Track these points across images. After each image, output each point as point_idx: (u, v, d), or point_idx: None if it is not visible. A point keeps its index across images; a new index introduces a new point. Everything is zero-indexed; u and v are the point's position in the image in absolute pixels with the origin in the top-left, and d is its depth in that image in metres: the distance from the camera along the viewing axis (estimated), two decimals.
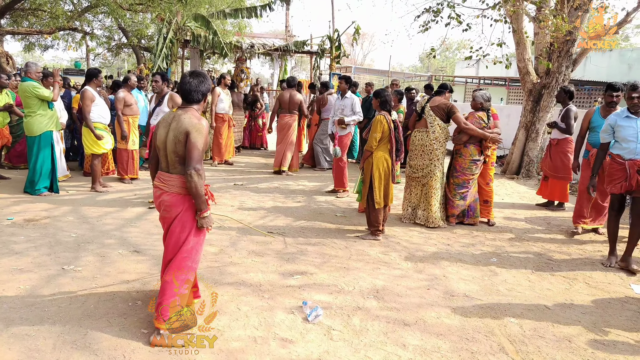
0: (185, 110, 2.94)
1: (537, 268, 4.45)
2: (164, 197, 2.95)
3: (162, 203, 2.97)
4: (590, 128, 5.46)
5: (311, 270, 4.12)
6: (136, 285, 3.65)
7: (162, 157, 2.98)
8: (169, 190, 2.93)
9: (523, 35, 8.88)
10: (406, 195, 5.83)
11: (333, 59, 12.51)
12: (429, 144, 5.54)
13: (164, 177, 2.96)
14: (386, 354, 2.86)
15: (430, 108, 5.57)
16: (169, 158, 2.92)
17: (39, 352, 2.70)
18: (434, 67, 45.20)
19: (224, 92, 9.50)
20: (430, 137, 5.54)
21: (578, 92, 19.48)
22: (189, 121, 2.86)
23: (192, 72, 3.02)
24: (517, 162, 9.39)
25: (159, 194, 2.98)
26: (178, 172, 2.92)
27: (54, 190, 6.46)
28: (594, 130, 5.37)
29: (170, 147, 2.89)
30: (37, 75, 6.22)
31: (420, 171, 5.61)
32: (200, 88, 2.97)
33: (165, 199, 2.94)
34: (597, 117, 5.37)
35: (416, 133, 5.69)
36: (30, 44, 18.27)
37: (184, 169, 2.87)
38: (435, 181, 5.56)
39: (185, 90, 2.95)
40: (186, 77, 2.98)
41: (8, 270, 3.82)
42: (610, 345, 3.09)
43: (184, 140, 2.83)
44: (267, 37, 16.84)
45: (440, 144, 5.55)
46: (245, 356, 2.77)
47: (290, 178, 8.41)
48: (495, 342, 3.06)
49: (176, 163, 2.91)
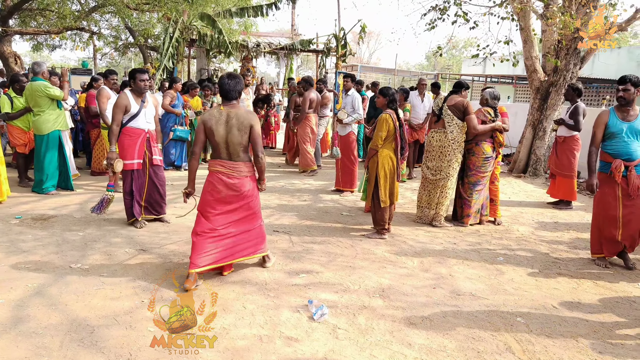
0: (232, 106, 3.59)
1: (544, 267, 4.43)
2: (232, 181, 3.64)
3: (231, 186, 3.64)
4: (608, 135, 4.39)
5: (317, 269, 4.12)
6: (142, 284, 3.66)
7: (223, 149, 3.59)
8: (238, 176, 3.64)
9: (530, 32, 8.81)
10: (421, 196, 5.72)
11: (339, 58, 12.47)
12: (447, 145, 5.42)
13: (230, 165, 3.62)
14: (392, 353, 2.86)
15: (448, 107, 5.47)
16: (231, 149, 3.58)
17: (46, 350, 2.72)
18: (441, 65, 44.99)
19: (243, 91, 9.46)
20: (448, 138, 5.41)
21: (586, 90, 19.32)
22: (249, 115, 3.59)
23: (229, 75, 3.64)
24: (524, 160, 9.34)
25: (225, 178, 3.61)
26: (242, 159, 3.65)
27: (68, 187, 6.53)
28: (614, 137, 4.34)
29: (235, 139, 3.54)
30: (47, 75, 6.30)
31: (438, 174, 5.49)
32: (237, 88, 3.60)
33: (235, 182, 3.64)
34: (615, 121, 4.35)
35: (433, 134, 5.57)
36: (38, 44, 18.39)
37: (246, 156, 3.67)
38: (451, 181, 5.50)
39: (226, 90, 3.56)
40: (225, 79, 3.58)
41: (16, 268, 3.85)
42: (618, 345, 3.06)
43: (248, 131, 3.56)
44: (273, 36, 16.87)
45: (459, 144, 5.41)
46: (251, 355, 2.78)
47: (296, 177, 8.41)
48: (502, 341, 3.04)
49: (240, 152, 3.62)
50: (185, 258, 4.22)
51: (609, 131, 4.38)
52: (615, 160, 4.31)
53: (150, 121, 5.08)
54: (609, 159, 4.39)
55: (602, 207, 4.48)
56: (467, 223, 5.62)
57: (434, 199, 5.59)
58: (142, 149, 4.99)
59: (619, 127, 4.31)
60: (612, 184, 4.37)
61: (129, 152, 4.91)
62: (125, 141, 4.92)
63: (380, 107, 5.16)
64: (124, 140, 4.92)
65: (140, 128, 4.96)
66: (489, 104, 5.59)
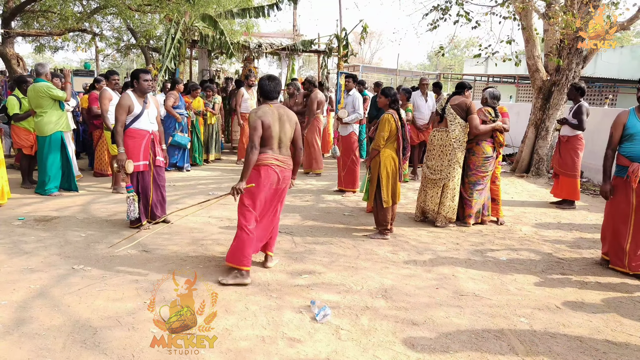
0: (277, 105, 3.87)
1: (548, 267, 4.41)
2: (285, 174, 3.90)
3: (283, 178, 3.89)
4: (626, 136, 4.20)
5: (319, 270, 4.12)
6: (144, 284, 3.66)
7: (276, 143, 3.81)
8: (288, 168, 3.92)
9: (532, 32, 8.79)
10: (420, 196, 5.74)
11: (341, 58, 12.47)
12: (448, 144, 5.43)
13: (283, 158, 3.86)
14: (395, 354, 2.85)
15: (451, 106, 5.48)
16: (284, 143, 3.86)
17: (49, 352, 2.72)
18: (443, 65, 44.94)
19: (247, 92, 9.41)
20: (450, 137, 5.42)
21: (589, 89, 19.25)
22: (293, 114, 3.96)
23: (269, 77, 3.91)
24: (526, 160, 9.31)
25: (280, 170, 3.83)
26: (289, 153, 3.94)
27: (72, 188, 6.54)
28: (632, 139, 4.16)
29: (288, 134, 3.86)
30: (49, 76, 6.31)
31: (438, 173, 5.49)
32: (277, 88, 3.90)
33: (287, 174, 3.93)
34: (635, 122, 4.16)
35: (435, 133, 5.60)
36: (40, 45, 18.40)
37: (289, 150, 3.96)
38: (453, 182, 5.48)
39: (267, 91, 3.87)
40: (265, 81, 3.87)
41: (19, 270, 3.85)
42: (622, 345, 3.05)
43: (294, 127, 3.92)
44: (275, 37, 16.84)
45: (460, 143, 5.42)
46: (254, 356, 2.77)
47: (299, 177, 8.39)
48: (505, 341, 3.03)
49: (288, 146, 3.93)
50: (187, 259, 4.22)
51: (627, 132, 4.18)
52: (633, 164, 4.10)
53: (154, 122, 5.07)
54: (626, 163, 4.18)
55: (613, 215, 4.35)
56: (469, 223, 5.61)
57: (434, 198, 5.58)
58: (147, 151, 4.98)
59: (638, 128, 4.13)
60: (627, 191, 4.19)
61: (134, 154, 4.88)
62: (130, 143, 4.88)
63: (382, 107, 5.15)
64: (128, 142, 4.88)
65: (145, 129, 4.95)
66: (488, 103, 5.59)
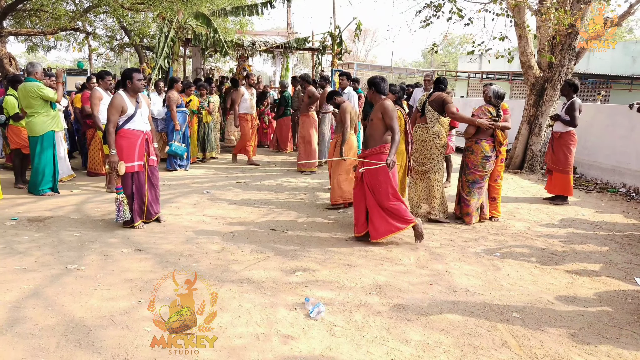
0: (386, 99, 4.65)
1: (540, 262, 4.44)
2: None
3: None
4: None
5: (313, 267, 4.13)
6: (139, 283, 3.66)
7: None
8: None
9: (525, 28, 8.82)
10: (410, 190, 5.83)
11: (335, 56, 12.48)
12: (428, 140, 5.59)
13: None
14: (388, 350, 2.86)
15: (429, 103, 5.64)
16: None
17: (42, 351, 2.72)
18: (437, 62, 45.01)
19: (247, 91, 9.19)
20: (429, 133, 5.59)
21: (582, 85, 19.33)
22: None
23: (381, 78, 4.74)
24: (520, 156, 9.36)
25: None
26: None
27: (54, 190, 6.47)
28: None
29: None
30: (41, 76, 6.26)
31: (422, 166, 5.65)
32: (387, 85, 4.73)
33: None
34: None
35: (417, 128, 5.75)
36: (33, 44, 18.29)
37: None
38: (437, 174, 5.59)
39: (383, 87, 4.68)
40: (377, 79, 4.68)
41: (12, 270, 3.84)
42: (613, 339, 3.07)
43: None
44: (269, 35, 16.80)
45: (440, 139, 5.58)
46: (248, 353, 2.78)
47: (293, 175, 8.40)
48: (498, 336, 3.05)
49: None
50: (181, 257, 4.22)
51: None
52: None
53: (147, 121, 5.05)
54: None
55: None
56: (468, 222, 5.58)
57: (424, 193, 5.67)
58: (142, 151, 4.95)
59: None
60: None
61: (129, 154, 4.83)
62: (124, 143, 4.82)
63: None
64: (122, 142, 4.81)
65: (139, 129, 4.91)
66: (491, 102, 5.57)
